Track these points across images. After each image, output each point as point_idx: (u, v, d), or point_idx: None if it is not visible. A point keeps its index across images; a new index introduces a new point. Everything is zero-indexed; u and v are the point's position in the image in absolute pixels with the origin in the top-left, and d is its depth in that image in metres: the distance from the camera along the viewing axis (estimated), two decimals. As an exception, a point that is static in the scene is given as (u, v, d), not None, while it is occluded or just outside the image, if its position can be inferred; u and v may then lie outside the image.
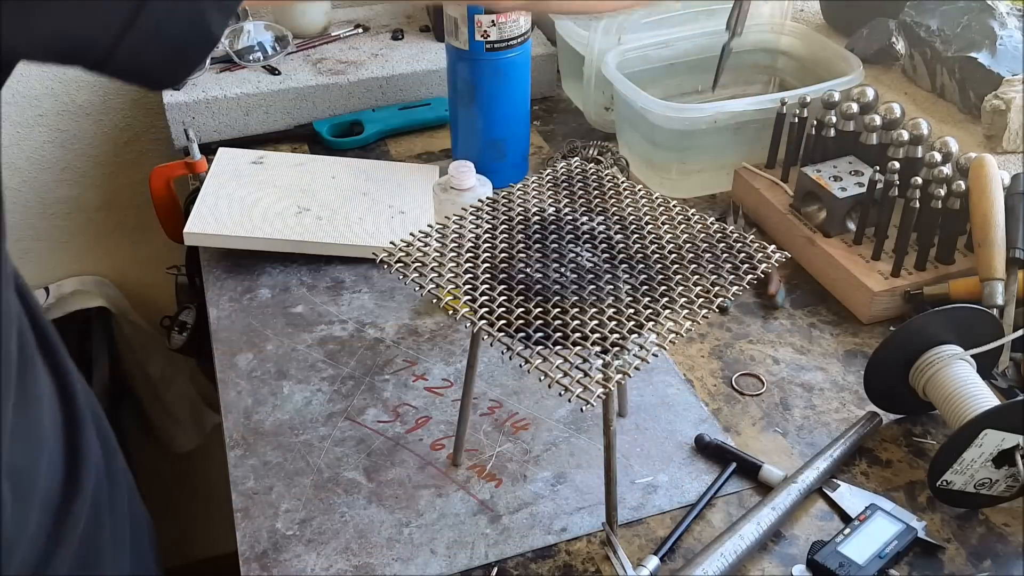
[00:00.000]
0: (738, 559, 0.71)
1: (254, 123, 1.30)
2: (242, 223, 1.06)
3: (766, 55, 1.30)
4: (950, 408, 0.78)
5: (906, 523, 0.73)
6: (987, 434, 0.73)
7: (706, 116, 1.09)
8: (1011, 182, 0.95)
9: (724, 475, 0.80)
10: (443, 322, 0.98)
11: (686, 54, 1.25)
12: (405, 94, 1.35)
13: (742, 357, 0.93)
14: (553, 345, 0.62)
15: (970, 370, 0.80)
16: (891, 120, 1.03)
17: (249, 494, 0.79)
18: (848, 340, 0.95)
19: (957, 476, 0.74)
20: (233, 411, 0.88)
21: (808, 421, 0.86)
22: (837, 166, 1.03)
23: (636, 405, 0.87)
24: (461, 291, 0.67)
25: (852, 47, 1.30)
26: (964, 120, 1.19)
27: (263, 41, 1.35)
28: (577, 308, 0.65)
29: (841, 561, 0.70)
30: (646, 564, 0.72)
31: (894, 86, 1.28)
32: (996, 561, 0.73)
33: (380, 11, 1.51)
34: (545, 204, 0.77)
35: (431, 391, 0.90)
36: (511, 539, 0.75)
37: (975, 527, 0.76)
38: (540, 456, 0.83)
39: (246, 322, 0.99)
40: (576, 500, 0.78)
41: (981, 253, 0.90)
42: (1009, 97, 1.11)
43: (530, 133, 1.18)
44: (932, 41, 1.23)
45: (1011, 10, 1.22)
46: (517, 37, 1.06)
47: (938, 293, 0.92)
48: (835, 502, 0.77)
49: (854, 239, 0.99)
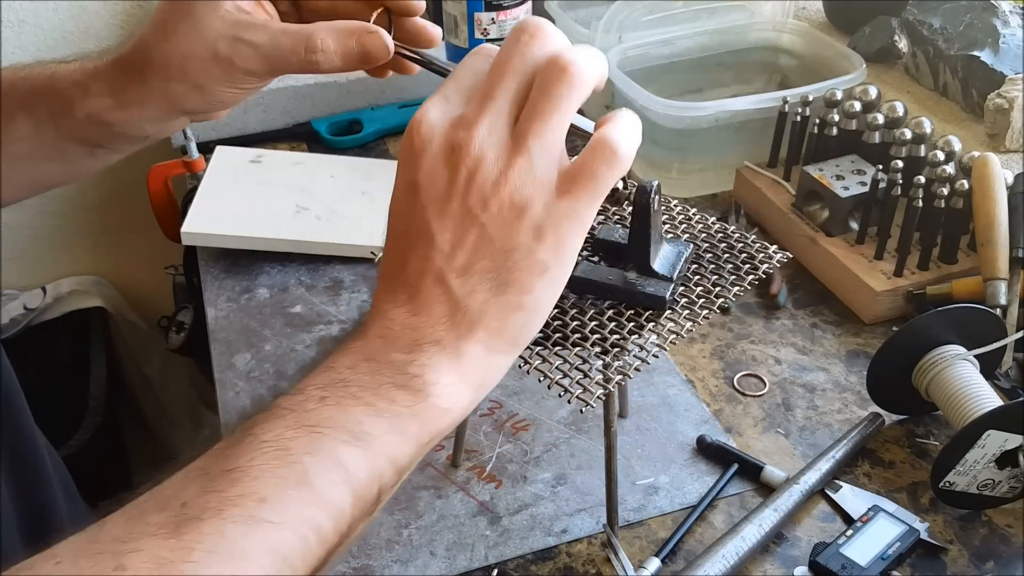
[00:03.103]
0: (740, 560, 0.71)
1: (252, 121, 1.29)
2: (240, 222, 1.05)
3: (768, 53, 1.29)
4: (953, 409, 0.78)
5: (909, 524, 0.73)
6: (990, 435, 0.72)
7: (707, 115, 1.09)
8: (1014, 181, 0.94)
9: (726, 476, 0.79)
10: (442, 322, 0.97)
11: (687, 52, 1.25)
12: (405, 93, 1.34)
13: (744, 357, 0.92)
14: (553, 346, 0.62)
15: (973, 370, 0.80)
16: (894, 119, 1.02)
17: (247, 495, 0.79)
18: (850, 340, 0.94)
19: (960, 477, 0.74)
20: (231, 411, 0.87)
21: (810, 422, 0.85)
22: (839, 165, 1.02)
23: (637, 406, 0.87)
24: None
25: (854, 45, 1.29)
26: (967, 119, 1.19)
27: (262, 39, 1.34)
28: (576, 309, 0.64)
29: (843, 563, 0.69)
30: (647, 566, 0.71)
31: (896, 85, 1.27)
32: (999, 563, 0.73)
33: (379, 9, 1.50)
34: (545, 203, 0.76)
35: (430, 391, 0.89)
36: (511, 541, 0.75)
37: (978, 528, 0.75)
38: (540, 457, 0.82)
39: (244, 322, 0.98)
40: (577, 501, 0.78)
41: (984, 253, 0.89)
42: (1012, 96, 1.10)
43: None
44: (935, 39, 1.22)
45: (1014, 8, 1.21)
46: (517, 35, 1.06)
47: (941, 293, 0.92)
48: (837, 503, 0.77)
49: (856, 239, 0.99)
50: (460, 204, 0.44)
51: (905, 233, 0.93)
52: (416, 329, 0.44)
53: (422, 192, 0.44)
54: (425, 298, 0.45)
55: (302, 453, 0.40)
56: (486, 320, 0.45)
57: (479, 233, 0.44)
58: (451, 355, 0.44)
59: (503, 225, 0.44)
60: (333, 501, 0.41)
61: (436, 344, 0.44)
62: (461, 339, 0.45)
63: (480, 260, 0.44)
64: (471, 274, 0.44)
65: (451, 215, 0.44)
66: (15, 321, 1.51)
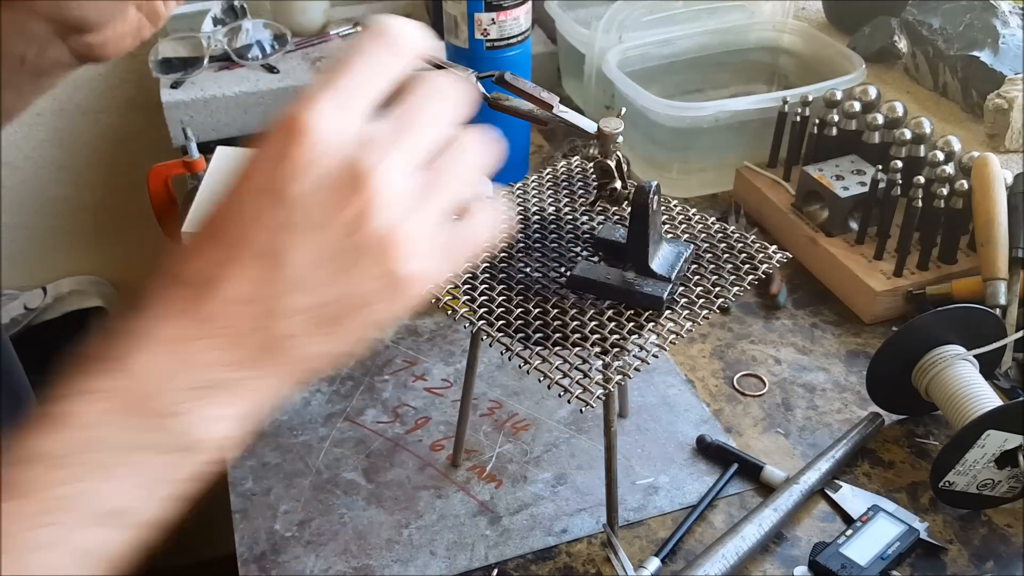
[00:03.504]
0: (740, 560, 0.71)
1: (253, 122, 1.29)
2: (240, 222, 1.05)
3: (768, 53, 1.29)
4: (953, 409, 0.78)
5: (908, 524, 0.73)
6: (990, 435, 0.72)
7: (707, 115, 1.09)
8: (1014, 181, 0.94)
9: (725, 476, 0.79)
10: (443, 322, 0.97)
11: (687, 52, 1.25)
12: (404, 93, 1.34)
13: (744, 357, 0.92)
14: (553, 346, 0.62)
15: (973, 370, 0.80)
16: (893, 119, 1.02)
17: (247, 495, 0.79)
18: (850, 340, 0.94)
19: (960, 477, 0.74)
20: (231, 411, 0.87)
21: (810, 422, 0.85)
22: (839, 165, 1.02)
23: (637, 406, 0.87)
24: (460, 291, 0.66)
25: (854, 46, 1.29)
26: (966, 119, 1.19)
27: (261, 39, 1.34)
28: (577, 308, 0.64)
29: (843, 562, 0.69)
30: (647, 565, 0.71)
31: (896, 85, 1.27)
32: (998, 562, 0.73)
33: (379, 9, 1.51)
34: (545, 204, 0.76)
35: (431, 391, 0.89)
36: (511, 540, 0.75)
37: (977, 528, 0.75)
38: (540, 457, 0.82)
39: (244, 322, 0.98)
40: (577, 501, 0.78)
41: (984, 253, 0.89)
42: (1012, 96, 1.10)
43: (530, 132, 1.17)
44: (934, 40, 1.22)
45: (1013, 9, 1.21)
46: (517, 35, 1.06)
47: (940, 293, 0.92)
48: (837, 503, 0.77)
49: (856, 239, 0.99)
50: (334, 242, 0.36)
51: (905, 233, 0.93)
52: (206, 368, 0.36)
53: (289, 210, 0.35)
54: (234, 328, 0.36)
55: (27, 551, 0.33)
56: (294, 363, 0.37)
57: (340, 280, 0.36)
58: (240, 400, 0.37)
59: (371, 279, 0.37)
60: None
61: (225, 389, 0.36)
62: (260, 379, 0.37)
63: (324, 307, 0.37)
64: (305, 318, 0.36)
65: (315, 250, 0.36)
66: (15, 321, 1.51)
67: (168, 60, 1.30)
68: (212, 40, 1.30)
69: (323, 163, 0.36)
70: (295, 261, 0.36)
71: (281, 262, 0.36)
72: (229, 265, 0.36)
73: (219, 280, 0.36)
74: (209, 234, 0.37)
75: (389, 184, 0.36)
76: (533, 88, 0.62)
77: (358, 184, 0.36)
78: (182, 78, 1.28)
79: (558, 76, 1.41)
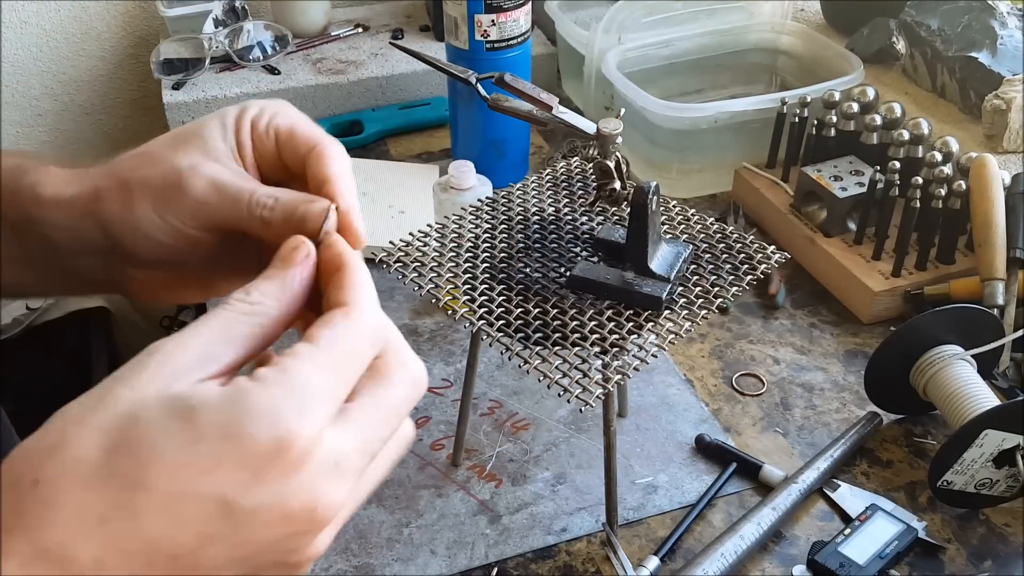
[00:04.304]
0: (738, 559, 0.71)
1: (254, 123, 1.30)
2: (242, 223, 1.05)
3: (766, 55, 1.29)
4: (951, 408, 0.78)
5: (907, 523, 0.73)
6: (988, 434, 0.73)
7: (706, 116, 1.09)
8: (1012, 182, 0.95)
9: (724, 475, 0.79)
10: (443, 322, 0.98)
11: (686, 53, 1.25)
12: (405, 94, 1.35)
13: (742, 357, 0.93)
14: (552, 345, 0.62)
15: (971, 370, 0.80)
16: (891, 120, 1.03)
17: (248, 494, 0.79)
18: (848, 340, 0.95)
19: (958, 476, 0.74)
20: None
21: (808, 421, 0.86)
22: (838, 166, 1.02)
23: (636, 405, 0.87)
24: (460, 291, 0.67)
25: (852, 47, 1.30)
26: (964, 120, 1.19)
27: (263, 41, 1.34)
28: (576, 308, 0.65)
29: (842, 561, 0.70)
30: (646, 564, 0.72)
31: (894, 86, 1.28)
32: (996, 561, 0.73)
33: (380, 10, 1.51)
34: (545, 204, 0.77)
35: (431, 391, 0.89)
36: (511, 539, 0.75)
37: (976, 527, 0.76)
38: (540, 456, 0.82)
39: (246, 322, 0.98)
40: (576, 500, 0.78)
41: (982, 253, 0.90)
42: (1010, 97, 1.10)
43: (530, 133, 1.17)
44: (933, 41, 1.23)
45: (1011, 10, 1.22)
46: (517, 36, 1.06)
47: (939, 293, 0.92)
48: (836, 502, 0.77)
49: (855, 239, 0.99)
50: (256, 556, 0.32)
51: (903, 233, 0.93)
52: None
53: (234, 523, 0.31)
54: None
55: None
56: None
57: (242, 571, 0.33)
58: None
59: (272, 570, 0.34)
60: None
61: None
62: None
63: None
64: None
65: (236, 559, 0.32)
66: (17, 321, 1.51)
67: (170, 61, 1.31)
68: (213, 41, 1.31)
69: (288, 492, 0.32)
70: (209, 563, 0.32)
71: (196, 562, 0.31)
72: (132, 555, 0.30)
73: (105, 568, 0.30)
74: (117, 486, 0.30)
75: (340, 516, 0.34)
76: (533, 89, 0.63)
77: (315, 522, 0.33)
78: (184, 79, 1.29)
79: (558, 77, 1.41)
